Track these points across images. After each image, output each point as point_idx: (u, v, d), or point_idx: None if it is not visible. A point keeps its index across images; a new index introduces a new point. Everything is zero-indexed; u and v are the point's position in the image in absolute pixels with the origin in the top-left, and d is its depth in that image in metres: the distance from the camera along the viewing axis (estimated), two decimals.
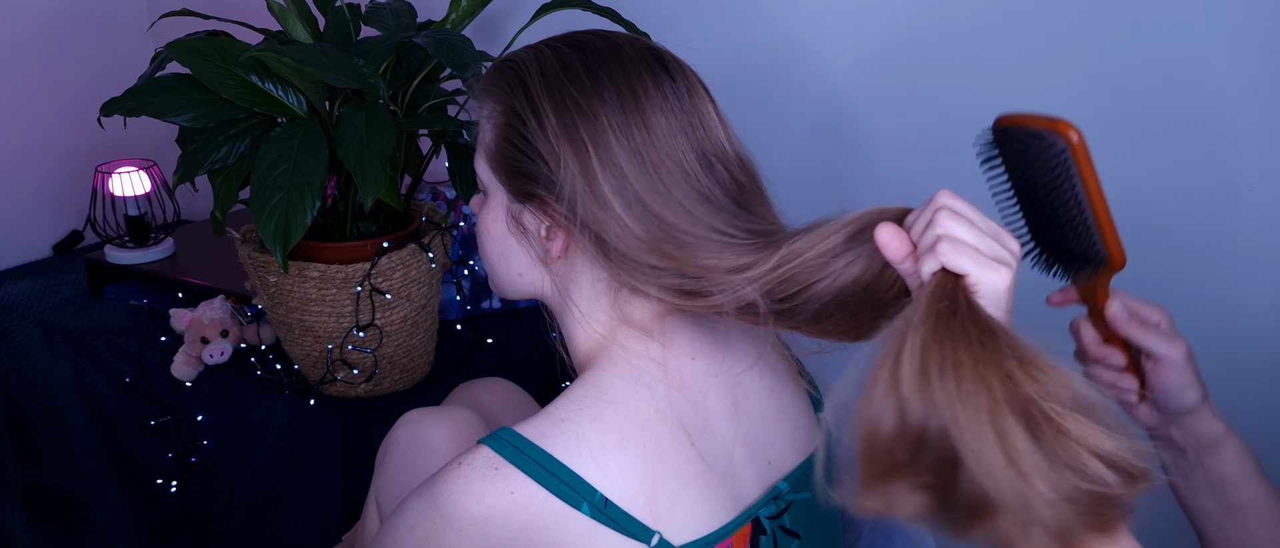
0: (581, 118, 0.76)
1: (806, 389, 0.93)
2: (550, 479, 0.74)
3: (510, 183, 0.81)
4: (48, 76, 1.88)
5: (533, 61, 0.80)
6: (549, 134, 0.76)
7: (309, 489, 1.39)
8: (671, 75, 0.79)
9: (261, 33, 1.32)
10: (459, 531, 0.74)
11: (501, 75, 0.81)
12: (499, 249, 0.84)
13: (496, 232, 0.84)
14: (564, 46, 0.80)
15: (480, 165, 0.84)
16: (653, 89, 0.77)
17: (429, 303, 1.38)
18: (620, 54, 0.79)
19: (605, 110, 0.76)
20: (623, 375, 0.79)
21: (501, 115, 0.80)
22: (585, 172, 0.75)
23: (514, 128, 0.79)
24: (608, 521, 0.74)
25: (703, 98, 0.80)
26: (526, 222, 0.81)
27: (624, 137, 0.75)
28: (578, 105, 0.76)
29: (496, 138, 0.81)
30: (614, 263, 0.76)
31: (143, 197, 1.71)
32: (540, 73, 0.78)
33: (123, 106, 1.19)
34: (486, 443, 0.76)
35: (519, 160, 0.79)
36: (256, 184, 1.13)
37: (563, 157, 0.76)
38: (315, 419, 1.37)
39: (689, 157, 0.77)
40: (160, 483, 1.48)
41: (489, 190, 0.84)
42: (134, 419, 1.49)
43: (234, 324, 1.45)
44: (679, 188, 0.75)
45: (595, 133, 0.75)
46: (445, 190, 1.58)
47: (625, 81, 0.77)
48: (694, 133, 0.78)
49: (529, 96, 0.78)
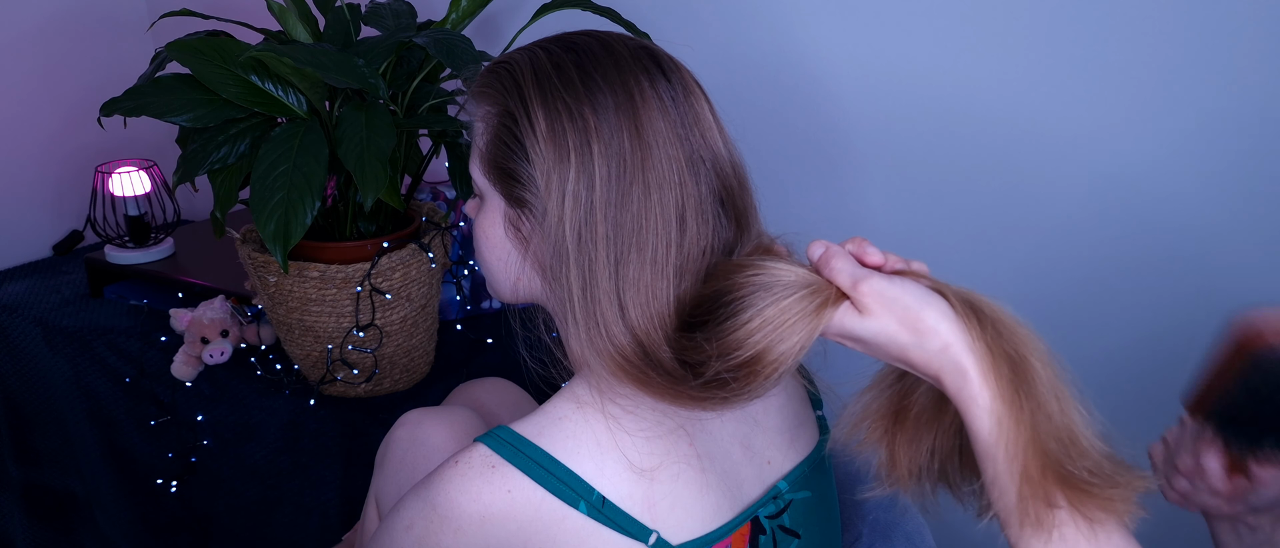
0: (571, 123, 0.75)
1: (805, 387, 0.93)
2: (548, 478, 0.74)
3: (504, 187, 0.80)
4: (48, 76, 1.89)
5: (526, 63, 0.79)
6: (539, 138, 0.76)
7: (309, 489, 1.39)
8: (667, 76, 0.78)
9: (261, 33, 1.32)
10: (456, 529, 0.74)
11: (495, 78, 0.80)
12: (497, 254, 0.83)
13: (495, 237, 0.82)
14: (557, 48, 0.79)
15: (475, 169, 0.83)
16: (648, 90, 0.77)
17: (429, 303, 1.38)
18: (614, 55, 0.78)
19: (596, 116, 0.75)
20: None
21: (495, 118, 0.80)
22: (563, 180, 0.75)
23: (507, 130, 0.78)
24: (605, 519, 0.74)
25: (698, 98, 0.80)
26: (522, 227, 0.80)
27: (613, 140, 0.75)
28: (568, 110, 0.75)
29: (490, 141, 0.80)
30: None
31: (143, 197, 1.71)
32: (533, 75, 0.78)
33: (123, 106, 1.19)
34: (484, 441, 0.76)
35: (511, 164, 0.78)
36: (256, 184, 1.13)
37: (548, 164, 0.75)
38: (315, 419, 1.37)
39: (679, 160, 0.76)
40: (160, 483, 1.48)
41: (485, 195, 0.83)
42: (134, 419, 1.49)
43: (234, 324, 1.45)
44: (658, 207, 0.75)
45: (582, 139, 0.75)
46: (445, 190, 1.58)
47: (621, 84, 0.77)
48: (687, 136, 0.77)
49: (522, 99, 0.77)
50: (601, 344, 0.74)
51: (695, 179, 0.77)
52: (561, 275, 0.76)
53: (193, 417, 1.43)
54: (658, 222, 0.75)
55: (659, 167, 0.75)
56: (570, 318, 0.77)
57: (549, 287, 0.80)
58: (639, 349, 0.74)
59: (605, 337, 0.74)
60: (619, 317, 0.74)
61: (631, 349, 0.74)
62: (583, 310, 0.75)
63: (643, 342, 0.74)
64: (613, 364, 0.74)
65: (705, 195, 0.77)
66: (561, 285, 0.76)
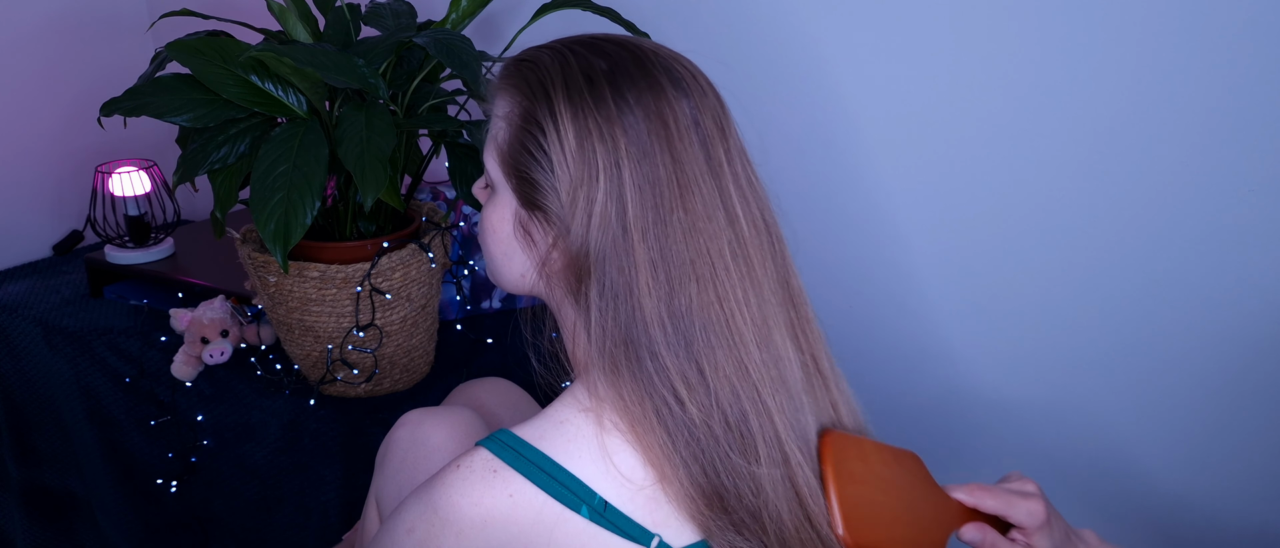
0: (600, 142, 0.74)
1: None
2: (549, 482, 0.74)
3: (520, 189, 0.79)
4: (48, 76, 1.88)
5: (556, 68, 0.77)
6: (567, 152, 0.75)
7: (309, 489, 1.39)
8: (692, 97, 0.77)
9: (261, 33, 1.32)
10: (458, 533, 0.74)
11: (522, 76, 0.79)
12: (503, 249, 0.83)
13: (503, 232, 0.82)
14: (588, 54, 0.78)
15: (490, 161, 0.82)
16: (681, 116, 0.76)
17: (429, 303, 1.38)
18: (647, 71, 0.77)
19: (626, 137, 0.74)
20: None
21: (519, 119, 0.78)
22: (590, 200, 0.74)
23: (531, 135, 0.77)
24: (607, 523, 0.74)
25: (728, 123, 0.79)
26: (534, 233, 0.80)
27: (645, 163, 0.74)
28: (599, 129, 0.74)
29: (511, 141, 0.79)
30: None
31: (143, 197, 1.71)
32: (563, 84, 0.76)
33: (123, 106, 1.19)
34: (485, 446, 0.76)
35: (532, 170, 0.77)
36: (256, 184, 1.13)
37: (573, 180, 0.75)
38: (315, 419, 1.37)
39: (709, 195, 0.75)
40: (160, 483, 1.48)
41: (497, 188, 0.82)
42: (134, 419, 1.49)
43: (234, 324, 1.45)
44: (706, 237, 0.75)
45: (611, 160, 0.74)
46: (445, 190, 1.57)
47: (655, 109, 0.75)
48: (715, 174, 0.76)
49: (551, 108, 0.76)
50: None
51: (714, 221, 0.76)
52: (580, 293, 0.76)
53: (193, 417, 1.43)
54: (710, 253, 0.75)
55: (699, 195, 0.75)
56: (581, 328, 0.77)
57: (559, 292, 0.80)
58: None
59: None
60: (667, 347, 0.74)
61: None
62: (602, 328, 0.75)
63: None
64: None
65: (728, 231, 0.76)
66: (580, 298, 0.76)
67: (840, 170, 1.41)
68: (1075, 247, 1.27)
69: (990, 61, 1.26)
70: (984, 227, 1.32)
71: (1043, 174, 1.26)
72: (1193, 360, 1.24)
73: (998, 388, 1.39)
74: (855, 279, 1.43)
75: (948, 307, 1.39)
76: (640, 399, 0.74)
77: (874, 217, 1.40)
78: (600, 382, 0.75)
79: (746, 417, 0.74)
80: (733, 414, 0.74)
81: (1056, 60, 1.21)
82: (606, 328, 0.75)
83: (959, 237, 1.35)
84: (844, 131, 1.39)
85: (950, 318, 1.39)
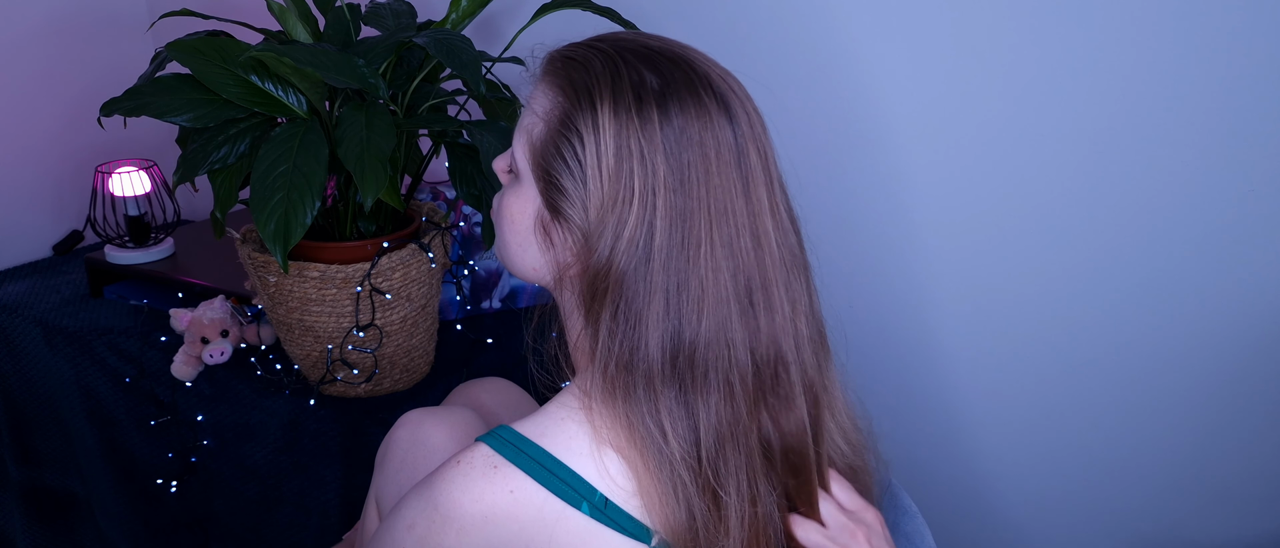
0: (639, 165, 0.73)
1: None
2: (550, 478, 0.74)
3: (546, 191, 0.78)
4: (48, 76, 1.88)
5: (607, 76, 0.75)
6: (603, 169, 0.73)
7: (309, 489, 1.39)
8: (738, 125, 0.76)
9: (261, 33, 1.32)
10: (459, 530, 0.74)
11: (568, 75, 0.77)
12: (520, 240, 0.81)
13: (522, 225, 0.80)
14: (642, 67, 0.75)
15: (520, 150, 0.80)
16: (724, 145, 0.75)
17: (429, 303, 1.38)
18: (697, 95, 0.75)
19: (666, 165, 0.73)
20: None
21: (557, 121, 0.76)
22: (620, 222, 0.73)
23: (567, 141, 0.75)
24: (607, 520, 0.74)
25: (769, 152, 0.79)
26: (555, 236, 0.78)
27: (678, 196, 0.73)
28: (640, 153, 0.73)
29: (546, 141, 0.77)
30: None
31: (143, 197, 1.71)
32: (612, 96, 0.74)
33: (123, 106, 1.19)
34: (486, 441, 0.76)
35: (562, 177, 0.76)
36: (256, 184, 1.13)
37: (605, 199, 0.74)
38: (315, 419, 1.37)
39: (740, 228, 0.75)
40: (160, 483, 1.48)
41: (522, 178, 0.80)
42: (134, 419, 1.49)
43: (234, 324, 1.45)
44: (727, 273, 0.75)
45: (648, 187, 0.73)
46: (445, 190, 1.58)
47: (700, 138, 0.74)
48: (750, 208, 0.76)
49: (594, 119, 0.74)
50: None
51: (757, 255, 0.76)
52: (592, 309, 0.76)
53: (193, 417, 1.43)
54: (732, 288, 0.74)
55: (731, 227, 0.75)
56: (586, 338, 0.77)
57: (570, 298, 0.80)
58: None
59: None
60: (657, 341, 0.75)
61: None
62: (608, 350, 0.75)
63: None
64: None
65: (769, 269, 0.77)
66: (591, 313, 0.76)
67: (839, 170, 1.41)
68: (1075, 247, 1.27)
69: (990, 62, 1.26)
70: (984, 227, 1.32)
71: (1042, 175, 1.26)
72: (1192, 361, 1.24)
73: (998, 388, 1.39)
74: (855, 279, 1.43)
75: (947, 306, 1.39)
76: (629, 423, 0.74)
77: (874, 217, 1.40)
78: (596, 395, 0.76)
79: (726, 462, 0.75)
80: (708, 456, 0.75)
81: (1056, 61, 1.21)
82: (613, 351, 0.74)
83: (959, 237, 1.35)
84: (843, 132, 1.39)
85: (950, 318, 1.39)
